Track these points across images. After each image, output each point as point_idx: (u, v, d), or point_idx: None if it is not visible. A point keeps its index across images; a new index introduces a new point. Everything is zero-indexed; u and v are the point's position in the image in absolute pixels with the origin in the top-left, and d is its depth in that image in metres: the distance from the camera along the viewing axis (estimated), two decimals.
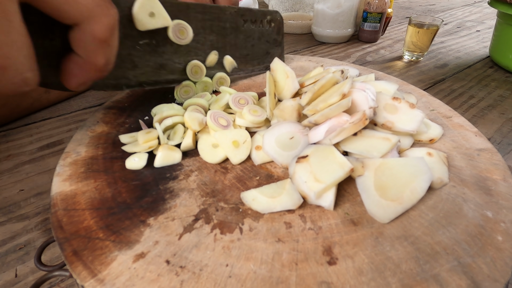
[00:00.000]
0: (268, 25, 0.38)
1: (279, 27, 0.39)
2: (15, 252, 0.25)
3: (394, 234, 0.20)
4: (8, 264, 0.24)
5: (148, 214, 0.21)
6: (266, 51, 0.40)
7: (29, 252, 0.25)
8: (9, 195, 0.30)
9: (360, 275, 0.18)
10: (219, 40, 0.34)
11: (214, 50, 0.34)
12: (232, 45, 0.36)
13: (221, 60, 0.36)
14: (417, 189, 0.21)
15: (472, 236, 0.20)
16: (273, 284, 0.17)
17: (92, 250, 0.19)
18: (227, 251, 0.19)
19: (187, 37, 0.31)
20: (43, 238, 0.26)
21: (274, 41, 0.40)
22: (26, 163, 0.34)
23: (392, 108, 0.26)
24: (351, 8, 0.73)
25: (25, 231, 0.27)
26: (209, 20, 0.32)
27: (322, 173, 0.22)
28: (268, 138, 0.26)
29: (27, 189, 0.31)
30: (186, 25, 0.30)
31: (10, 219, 0.28)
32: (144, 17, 0.26)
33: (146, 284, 0.17)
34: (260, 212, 0.22)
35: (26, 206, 0.29)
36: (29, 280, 0.23)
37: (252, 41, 0.37)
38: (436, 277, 0.17)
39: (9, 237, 0.26)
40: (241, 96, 0.30)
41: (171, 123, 0.27)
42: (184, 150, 0.27)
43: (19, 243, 0.26)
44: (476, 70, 0.66)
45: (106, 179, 0.24)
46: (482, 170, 0.25)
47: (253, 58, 0.39)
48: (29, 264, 0.24)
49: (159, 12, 0.27)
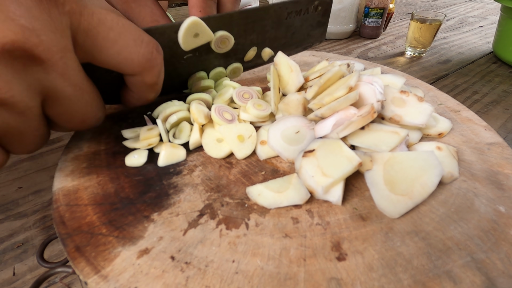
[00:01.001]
0: (314, 10, 0.36)
1: (326, 9, 0.37)
2: (13, 250, 0.25)
3: (404, 229, 0.19)
4: (6, 263, 0.24)
5: (151, 210, 0.21)
6: (307, 34, 0.38)
7: (27, 250, 0.24)
8: (7, 193, 0.30)
9: (370, 271, 0.17)
10: (259, 37, 0.33)
11: (254, 46, 0.34)
12: (272, 38, 0.35)
13: (259, 52, 0.35)
14: (428, 183, 0.21)
15: (485, 231, 0.19)
16: (281, 280, 0.17)
17: (95, 246, 0.18)
18: (233, 247, 0.19)
19: (228, 45, 0.31)
20: (41, 236, 0.26)
21: (317, 23, 0.38)
22: (25, 161, 0.34)
23: (400, 102, 0.26)
24: (353, 4, 0.73)
25: (23, 229, 0.26)
26: (251, 22, 0.31)
27: (329, 167, 0.21)
28: (274, 132, 0.26)
29: (26, 187, 0.30)
30: (228, 36, 0.30)
31: (8, 216, 0.27)
32: (189, 39, 0.27)
33: (151, 280, 0.17)
34: (266, 207, 0.21)
35: (24, 203, 0.29)
36: (27, 279, 0.22)
37: (292, 29, 0.36)
38: (449, 273, 0.17)
39: (7, 235, 0.26)
40: (245, 90, 0.30)
41: (176, 119, 0.27)
42: (194, 147, 0.26)
43: (17, 241, 0.25)
44: (479, 66, 0.65)
45: (109, 174, 0.23)
46: (493, 164, 0.24)
47: (291, 44, 0.37)
48: (27, 262, 0.24)
49: (203, 31, 0.27)
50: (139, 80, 0.23)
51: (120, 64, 0.21)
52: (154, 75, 0.23)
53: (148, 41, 0.22)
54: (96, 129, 0.28)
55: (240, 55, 0.33)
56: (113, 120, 0.30)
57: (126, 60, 0.21)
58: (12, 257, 0.24)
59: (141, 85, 0.23)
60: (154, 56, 0.22)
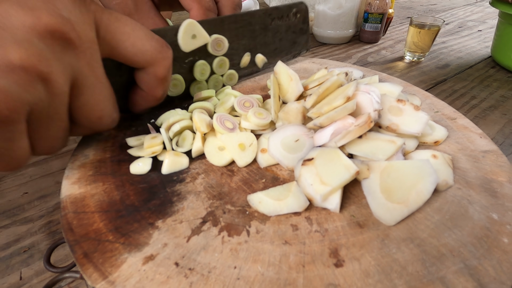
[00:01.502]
0: (294, 17, 0.40)
1: (304, 16, 0.42)
2: (20, 255, 0.25)
3: (400, 236, 0.20)
4: (13, 267, 0.24)
5: (156, 217, 0.22)
6: (293, 41, 0.42)
7: (33, 255, 0.25)
8: (13, 198, 0.30)
9: (366, 277, 0.18)
10: (251, 42, 0.37)
11: (247, 52, 0.37)
12: (262, 44, 0.38)
13: (253, 59, 0.38)
14: (423, 191, 0.21)
15: (478, 238, 0.20)
16: (281, 286, 0.17)
17: (102, 252, 0.19)
18: (235, 253, 0.19)
19: (223, 48, 0.34)
20: (47, 240, 0.26)
21: (300, 30, 0.42)
22: (30, 166, 0.34)
23: (397, 111, 0.26)
24: (352, 9, 0.74)
25: (29, 233, 0.27)
26: (241, 27, 0.35)
27: (328, 175, 0.22)
28: (274, 140, 0.26)
29: (31, 192, 0.31)
30: (222, 38, 0.33)
31: (15, 222, 0.28)
32: (188, 40, 0.30)
33: (156, 286, 0.17)
34: (267, 214, 0.22)
35: (30, 209, 0.29)
36: (33, 283, 0.23)
37: (280, 36, 0.40)
38: (442, 279, 0.18)
39: (13, 240, 0.26)
40: (246, 99, 0.31)
41: (179, 128, 0.27)
42: (196, 155, 0.27)
43: (24, 246, 0.26)
44: (478, 71, 0.66)
45: (114, 182, 0.24)
46: (487, 172, 0.25)
47: (281, 50, 0.41)
48: (34, 267, 0.24)
49: (200, 32, 0.30)
50: (151, 72, 0.25)
51: (135, 55, 0.24)
52: (165, 67, 0.25)
53: (158, 37, 0.25)
54: (102, 137, 0.29)
55: (236, 61, 0.36)
56: (118, 128, 0.30)
57: (140, 51, 0.24)
58: (19, 261, 0.25)
59: (152, 78, 0.25)
60: (165, 49, 0.25)
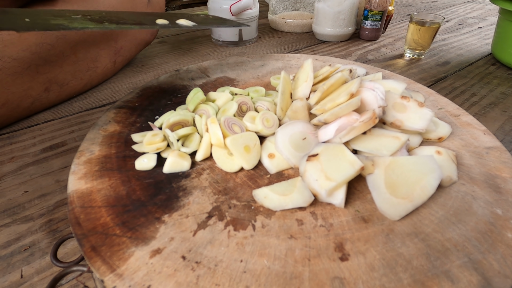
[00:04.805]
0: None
1: None
2: (20, 253, 0.25)
3: (404, 231, 0.20)
4: (14, 265, 0.24)
5: (162, 211, 0.22)
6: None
7: (34, 253, 0.25)
8: (13, 197, 0.30)
9: (372, 271, 0.18)
10: None
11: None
12: None
13: None
14: (427, 186, 0.22)
15: (482, 233, 0.20)
16: (287, 279, 0.18)
17: (110, 246, 0.19)
18: (241, 247, 0.19)
19: None
20: (47, 239, 0.26)
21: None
22: (30, 165, 0.34)
23: (401, 107, 0.27)
24: (352, 6, 0.73)
25: (30, 232, 0.27)
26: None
27: (332, 171, 0.22)
28: (282, 136, 0.26)
29: (31, 191, 0.31)
30: None
31: (15, 220, 0.28)
32: None
33: (163, 278, 0.17)
34: (272, 209, 0.22)
35: (30, 207, 0.29)
36: (34, 281, 0.23)
37: None
38: (447, 273, 0.18)
39: (14, 238, 0.26)
40: (234, 121, 0.29)
41: (184, 133, 0.27)
42: (201, 160, 0.27)
43: (24, 244, 0.26)
44: (478, 68, 0.66)
45: (120, 177, 0.24)
46: (491, 168, 0.25)
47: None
48: (34, 265, 0.24)
49: None
50: None
51: None
52: None
53: None
54: (107, 133, 0.29)
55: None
56: (123, 124, 0.31)
57: None
58: (20, 260, 0.25)
59: None
60: None
